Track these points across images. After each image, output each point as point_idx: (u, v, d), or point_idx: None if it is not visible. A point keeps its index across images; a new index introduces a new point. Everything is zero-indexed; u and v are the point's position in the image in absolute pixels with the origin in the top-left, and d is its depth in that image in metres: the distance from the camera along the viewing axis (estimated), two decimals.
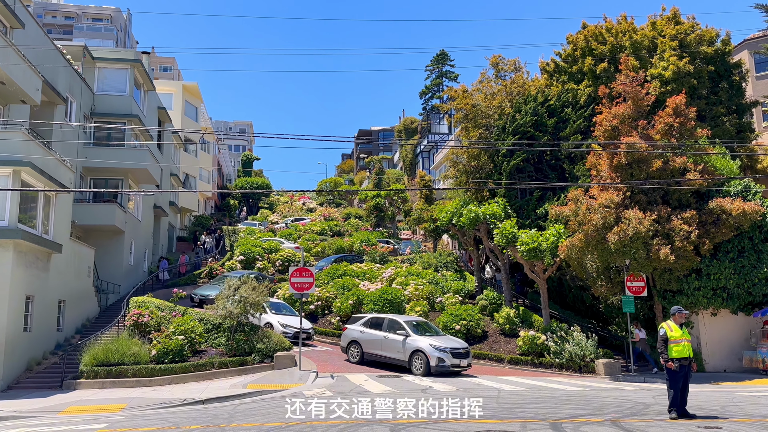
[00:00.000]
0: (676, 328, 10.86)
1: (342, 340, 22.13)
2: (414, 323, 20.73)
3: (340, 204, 65.99)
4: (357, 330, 21.35)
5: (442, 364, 18.89)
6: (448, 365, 18.94)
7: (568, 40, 29.64)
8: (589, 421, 10.03)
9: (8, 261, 17.94)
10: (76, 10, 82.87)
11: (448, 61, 71.13)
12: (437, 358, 18.91)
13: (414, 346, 19.51)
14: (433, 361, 18.90)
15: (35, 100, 21.10)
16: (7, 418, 13.31)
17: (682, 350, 10.66)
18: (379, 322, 21.01)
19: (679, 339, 10.71)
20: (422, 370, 19.02)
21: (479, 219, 26.59)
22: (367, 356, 20.85)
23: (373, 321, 21.27)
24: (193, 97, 51.47)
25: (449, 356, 19.04)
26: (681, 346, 10.69)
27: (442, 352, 19.06)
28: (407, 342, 19.73)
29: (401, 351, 19.80)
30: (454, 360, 19.11)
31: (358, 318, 22.01)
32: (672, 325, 10.90)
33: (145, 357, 18.24)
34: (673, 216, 20.35)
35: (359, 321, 21.68)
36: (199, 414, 12.23)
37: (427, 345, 19.27)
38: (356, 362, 20.93)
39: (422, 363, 19.13)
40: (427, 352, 19.11)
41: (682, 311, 11.15)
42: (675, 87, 24.55)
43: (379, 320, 21.16)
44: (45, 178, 19.70)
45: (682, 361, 10.63)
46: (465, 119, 31.80)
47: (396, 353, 19.96)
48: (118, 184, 30.83)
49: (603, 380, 19.78)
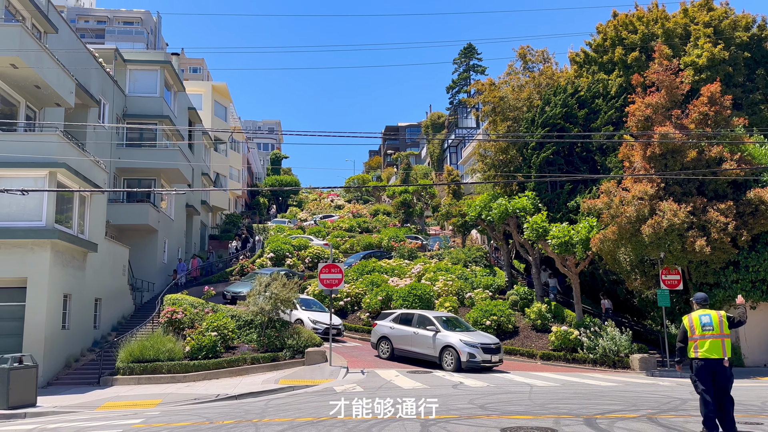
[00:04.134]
0: (697, 320, 8.62)
1: (372, 335, 22.13)
2: (444, 319, 20.60)
3: (368, 200, 66.10)
4: (387, 326, 21.31)
5: (473, 359, 18.74)
6: (479, 361, 18.77)
7: (597, 29, 29.13)
8: (624, 417, 9.85)
9: (46, 260, 18.38)
10: (107, 14, 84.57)
11: (476, 54, 70.57)
12: (468, 354, 18.75)
13: (444, 342, 19.36)
14: (463, 356, 18.75)
15: (69, 102, 21.55)
16: (48, 414, 13.67)
17: (709, 348, 8.37)
18: (409, 318, 20.91)
19: (702, 334, 8.48)
20: (453, 365, 18.84)
21: (508, 213, 26.34)
22: (397, 352, 20.76)
23: (403, 317, 21.19)
24: (222, 97, 52.04)
25: (480, 352, 18.87)
26: (706, 342, 8.40)
27: (473, 347, 18.89)
28: (437, 337, 19.57)
29: (431, 347, 19.65)
30: (486, 356, 18.92)
31: (388, 314, 21.96)
32: (694, 318, 8.69)
33: (180, 353, 18.53)
34: (709, 207, 19.85)
35: (389, 317, 21.62)
36: (232, 409, 12.37)
37: (458, 340, 19.12)
38: (386, 358, 20.90)
39: (453, 359, 18.96)
40: (458, 347, 18.95)
41: (707, 300, 9.05)
42: (709, 75, 23.93)
43: (409, 316, 21.07)
44: (80, 179, 20.11)
45: (698, 362, 8.40)
46: (493, 112, 31.50)
47: (426, 349, 19.82)
48: (151, 184, 31.35)
49: (638, 375, 19.43)
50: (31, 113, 21.47)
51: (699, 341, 8.45)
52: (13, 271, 18.17)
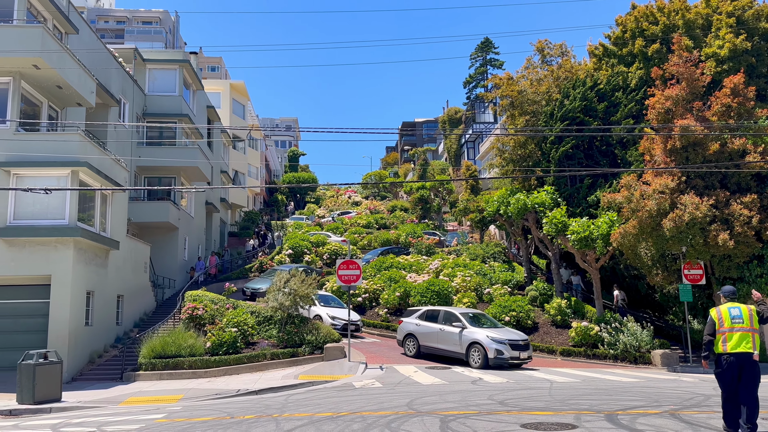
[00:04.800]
0: (726, 313, 8.23)
1: (398, 333, 21.81)
2: (471, 315, 20.25)
3: (385, 197, 66.10)
4: (412, 323, 20.96)
5: (500, 356, 18.37)
6: (506, 357, 18.41)
7: (617, 21, 28.73)
8: (646, 413, 9.75)
9: (69, 258, 18.68)
10: (126, 15, 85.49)
11: (493, 48, 70.09)
12: (495, 351, 18.40)
13: (471, 339, 18.99)
14: (491, 353, 18.39)
15: (90, 102, 21.83)
16: (72, 409, 13.90)
17: (738, 341, 8.01)
18: (435, 315, 20.56)
19: (731, 327, 8.09)
20: (480, 362, 18.52)
21: (527, 208, 26.16)
22: (423, 349, 20.43)
23: (429, 313, 20.85)
24: (240, 95, 52.34)
25: (508, 348, 18.50)
26: (735, 335, 8.06)
27: (500, 344, 18.53)
28: (464, 334, 19.22)
29: (457, 343, 19.33)
30: (514, 352, 18.57)
31: (414, 311, 21.64)
32: (723, 310, 8.29)
33: (200, 349, 18.73)
34: (732, 200, 19.53)
35: (415, 314, 21.28)
36: (253, 404, 12.48)
37: (485, 337, 18.75)
38: (413, 356, 20.56)
39: (480, 355, 18.61)
40: (485, 344, 18.58)
41: (735, 293, 8.65)
42: (732, 66, 23.49)
43: (435, 313, 20.70)
44: (101, 178, 20.39)
45: (726, 357, 8.03)
46: (511, 107, 31.25)
47: (452, 346, 19.49)
48: (171, 182, 31.67)
49: (660, 371, 19.23)
50: (54, 113, 21.79)
51: (728, 334, 8.07)
52: (37, 268, 18.50)
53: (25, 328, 18.50)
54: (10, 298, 18.48)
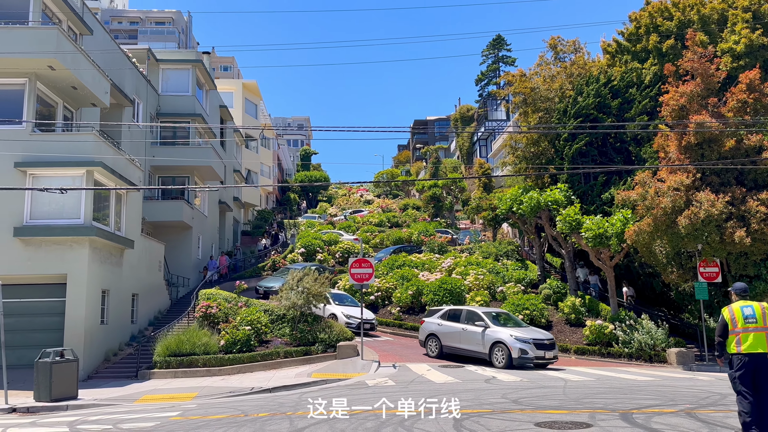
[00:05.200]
0: (739, 312, 7.86)
1: (420, 333, 21.26)
2: (494, 314, 19.79)
3: (397, 195, 66.05)
4: (435, 323, 20.44)
5: (524, 356, 17.85)
6: (531, 357, 17.89)
7: (630, 18, 28.49)
8: (662, 412, 9.66)
9: (84, 257, 18.87)
10: (140, 15, 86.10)
11: (505, 45, 69.65)
12: (519, 350, 17.85)
13: (494, 338, 18.48)
14: (515, 353, 17.84)
15: (104, 102, 22.01)
16: (88, 406, 14.05)
17: (753, 342, 7.66)
18: (457, 314, 20.07)
19: (744, 327, 7.74)
20: (504, 362, 17.96)
21: (540, 206, 26.02)
22: (446, 350, 19.90)
23: (451, 313, 20.35)
24: (253, 95, 52.53)
25: (532, 348, 17.96)
26: (749, 336, 7.68)
27: (524, 343, 17.99)
28: (487, 333, 18.70)
29: (480, 343, 18.79)
30: (538, 352, 18.01)
31: (435, 310, 21.20)
32: (735, 309, 7.92)
33: (214, 347, 18.84)
34: (748, 197, 19.31)
35: (436, 313, 20.82)
36: (267, 402, 12.53)
37: (508, 336, 18.22)
38: (435, 356, 20.03)
39: (503, 355, 18.07)
40: (508, 343, 18.05)
41: (747, 290, 8.29)
42: (748, 61, 23.23)
43: (457, 312, 20.22)
44: (116, 178, 20.56)
45: (740, 358, 7.69)
46: (524, 104, 31.10)
47: (475, 345, 18.96)
48: (185, 182, 31.87)
49: (675, 370, 19.07)
50: (69, 114, 22.00)
51: (742, 335, 7.71)
52: (53, 267, 18.71)
53: (42, 326, 18.72)
54: (26, 296, 18.69)
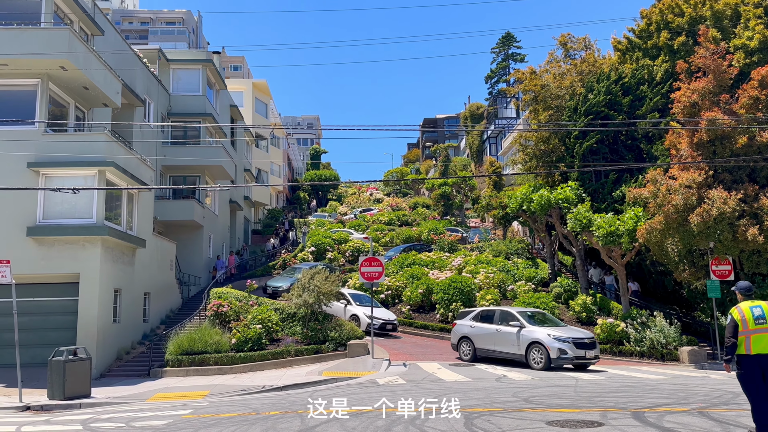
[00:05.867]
0: (749, 312, 7.64)
1: (452, 336, 20.58)
2: (529, 314, 19.04)
3: (407, 194, 66.02)
4: (467, 325, 19.71)
5: (564, 356, 16.98)
6: (571, 357, 17.02)
7: (641, 14, 28.31)
8: (674, 411, 9.61)
9: (97, 256, 19.02)
10: (150, 15, 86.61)
11: (514, 42, 69.48)
12: (558, 350, 16.95)
13: (530, 338, 17.63)
14: (553, 353, 16.96)
15: (116, 102, 22.17)
16: (101, 405, 14.17)
17: (765, 344, 7.45)
18: (490, 315, 19.41)
19: (755, 328, 7.51)
20: (542, 364, 17.11)
21: (551, 204, 25.92)
22: (479, 353, 19.11)
23: (484, 314, 19.69)
24: (263, 94, 52.70)
25: (572, 347, 17.06)
26: (761, 337, 7.46)
27: (563, 342, 17.10)
28: (522, 333, 17.87)
29: (515, 344, 17.99)
30: (578, 351, 17.11)
31: (467, 312, 20.60)
32: (745, 309, 7.69)
33: (226, 345, 18.94)
34: (761, 194, 19.14)
35: (468, 315, 20.18)
36: (278, 400, 12.59)
37: (546, 335, 17.35)
38: (469, 360, 19.23)
39: (541, 356, 17.20)
40: (546, 343, 17.15)
41: (751, 289, 8.05)
42: (761, 57, 23.00)
43: (490, 312, 19.59)
44: (128, 177, 20.70)
45: (750, 360, 7.49)
46: (534, 101, 30.98)
47: (510, 347, 18.16)
48: (196, 181, 32.04)
49: (687, 368, 18.94)
50: (80, 114, 22.18)
51: (753, 336, 7.49)
52: (66, 267, 18.88)
53: (55, 325, 18.90)
54: (40, 295, 18.88)
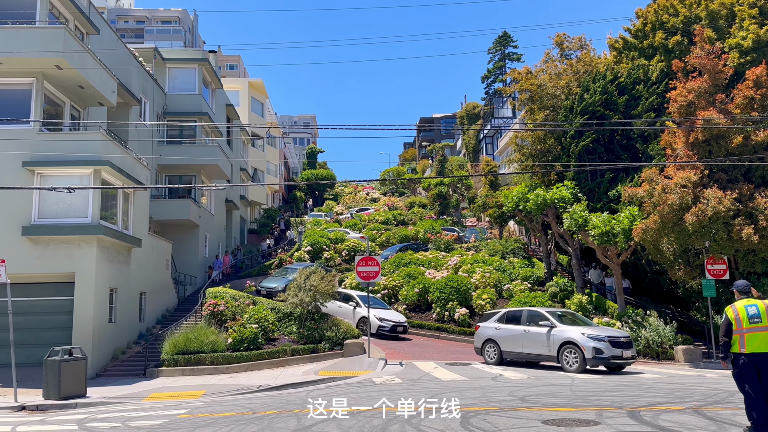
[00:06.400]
0: (743, 311, 7.72)
1: (475, 340, 19.83)
2: (558, 314, 18.36)
3: (404, 193, 66.06)
4: (492, 327, 19.00)
5: (599, 356, 16.20)
6: (607, 357, 16.25)
7: (637, 14, 28.35)
8: (669, 409, 9.65)
9: (92, 256, 18.97)
10: (146, 14, 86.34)
11: (511, 42, 69.53)
12: (593, 350, 16.18)
13: (562, 338, 16.90)
14: (588, 353, 16.19)
15: (111, 102, 22.11)
16: (97, 404, 14.13)
17: (760, 343, 7.51)
18: (517, 316, 18.71)
19: (749, 327, 7.59)
20: (576, 365, 16.35)
21: (547, 204, 25.96)
22: (506, 355, 18.46)
23: (510, 315, 19.00)
24: (259, 93, 52.62)
25: (608, 346, 16.28)
26: (755, 336, 7.54)
27: (598, 341, 16.31)
28: (553, 334, 17.17)
29: (545, 344, 17.30)
30: (615, 350, 16.33)
31: (491, 314, 19.83)
32: (739, 308, 7.78)
33: (222, 345, 18.92)
34: (756, 194, 19.22)
35: (493, 317, 19.43)
36: (274, 400, 12.58)
37: (579, 335, 16.60)
38: (494, 363, 18.47)
39: (575, 357, 16.47)
40: (580, 342, 16.39)
41: (749, 287, 8.08)
42: (755, 57, 23.05)
43: (517, 313, 18.89)
44: (123, 177, 20.65)
45: (745, 358, 7.57)
46: (530, 101, 31.03)
47: (539, 348, 17.49)
48: (192, 180, 31.98)
49: (683, 367, 19.01)
50: (76, 113, 22.11)
51: (747, 335, 7.55)
52: (61, 266, 18.82)
53: (50, 324, 18.85)
54: (35, 295, 18.82)
